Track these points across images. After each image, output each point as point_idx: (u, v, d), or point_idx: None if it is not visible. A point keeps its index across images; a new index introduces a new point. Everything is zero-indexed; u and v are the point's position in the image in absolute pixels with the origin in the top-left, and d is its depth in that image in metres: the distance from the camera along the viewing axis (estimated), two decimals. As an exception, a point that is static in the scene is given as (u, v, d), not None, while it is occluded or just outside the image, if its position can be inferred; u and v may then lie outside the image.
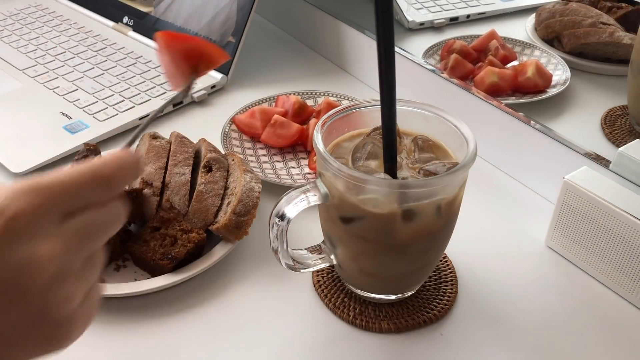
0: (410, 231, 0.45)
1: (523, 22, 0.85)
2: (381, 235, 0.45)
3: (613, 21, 0.77)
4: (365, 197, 0.44)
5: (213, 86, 0.84)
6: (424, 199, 0.44)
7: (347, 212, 0.45)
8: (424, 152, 0.48)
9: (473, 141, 0.46)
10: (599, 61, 0.76)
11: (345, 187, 0.44)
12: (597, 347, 0.50)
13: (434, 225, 0.46)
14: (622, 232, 0.52)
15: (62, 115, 0.76)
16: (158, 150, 0.61)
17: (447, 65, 0.77)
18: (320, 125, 0.47)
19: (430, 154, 0.49)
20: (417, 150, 0.49)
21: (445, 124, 0.48)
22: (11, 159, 0.68)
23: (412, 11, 0.90)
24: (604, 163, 0.58)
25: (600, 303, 0.54)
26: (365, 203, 0.44)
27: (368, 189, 0.43)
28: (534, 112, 0.68)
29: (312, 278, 0.55)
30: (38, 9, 1.03)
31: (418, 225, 0.45)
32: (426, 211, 0.44)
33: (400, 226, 0.44)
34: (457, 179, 0.44)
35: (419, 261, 0.49)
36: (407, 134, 0.50)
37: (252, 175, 0.59)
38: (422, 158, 0.48)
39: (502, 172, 0.70)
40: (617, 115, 0.68)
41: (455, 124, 0.48)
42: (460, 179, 0.45)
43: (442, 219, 0.46)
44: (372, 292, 0.52)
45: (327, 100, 0.76)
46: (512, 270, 0.57)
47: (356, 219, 0.45)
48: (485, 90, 0.72)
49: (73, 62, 0.88)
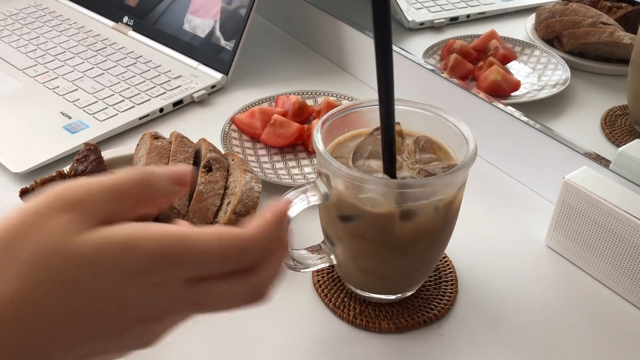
0: (409, 231, 0.45)
1: (523, 22, 0.85)
2: (380, 235, 0.45)
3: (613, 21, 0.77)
4: (364, 196, 0.44)
5: (213, 86, 0.84)
6: (423, 200, 0.44)
7: (346, 211, 0.45)
8: (425, 153, 0.48)
9: (473, 141, 0.46)
10: (599, 61, 0.76)
11: (345, 186, 0.44)
12: (597, 347, 0.50)
13: (433, 225, 0.46)
14: (622, 232, 0.52)
15: (62, 115, 0.77)
16: (160, 151, 0.61)
17: (447, 65, 0.77)
18: (320, 125, 0.47)
19: (431, 154, 0.49)
20: (418, 151, 0.49)
21: (445, 124, 0.48)
22: (11, 159, 0.68)
23: (412, 11, 0.90)
24: (604, 163, 0.58)
25: (600, 303, 0.54)
26: (363, 202, 0.44)
27: (367, 188, 0.43)
28: (534, 112, 0.68)
29: (312, 278, 0.55)
30: (38, 9, 1.03)
31: (417, 225, 0.45)
32: (425, 211, 0.44)
33: (398, 226, 0.44)
34: (456, 180, 0.44)
35: (418, 260, 0.49)
36: (409, 135, 0.51)
37: (252, 175, 0.59)
38: (423, 159, 0.48)
39: (502, 172, 0.70)
40: (617, 115, 0.68)
41: (455, 124, 0.48)
42: (460, 180, 0.45)
43: (442, 219, 0.46)
44: (371, 291, 0.52)
45: (327, 100, 0.76)
46: (512, 270, 0.57)
47: (355, 218, 0.45)
48: (486, 88, 0.72)
49: (73, 62, 0.88)
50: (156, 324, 0.31)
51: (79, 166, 0.62)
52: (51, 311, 0.28)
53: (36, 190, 0.57)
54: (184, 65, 0.88)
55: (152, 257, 0.29)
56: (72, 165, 0.62)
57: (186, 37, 0.90)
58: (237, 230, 0.31)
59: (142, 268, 0.29)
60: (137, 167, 0.28)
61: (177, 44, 0.90)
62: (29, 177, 0.66)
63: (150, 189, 0.32)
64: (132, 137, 0.75)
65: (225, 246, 0.30)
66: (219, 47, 0.86)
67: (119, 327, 0.30)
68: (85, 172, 0.61)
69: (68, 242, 0.28)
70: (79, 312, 0.28)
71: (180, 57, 0.89)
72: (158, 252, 0.29)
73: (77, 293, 0.28)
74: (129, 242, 0.29)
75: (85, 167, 0.62)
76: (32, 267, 0.28)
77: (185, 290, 0.30)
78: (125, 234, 0.29)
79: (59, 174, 0.59)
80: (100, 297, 0.28)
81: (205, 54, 0.87)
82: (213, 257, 0.30)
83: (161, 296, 0.30)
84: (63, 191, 0.29)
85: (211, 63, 0.86)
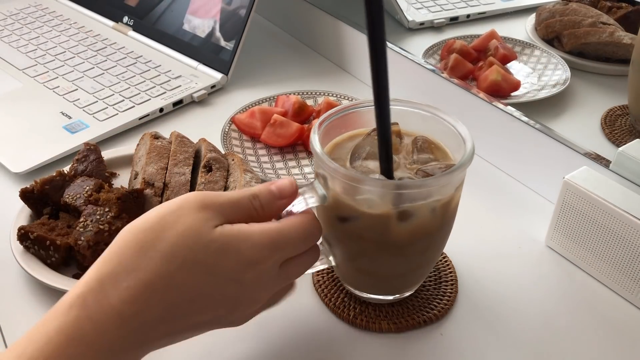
0: (407, 232, 0.45)
1: (523, 22, 0.85)
2: (377, 235, 0.45)
3: (613, 21, 0.77)
4: (361, 197, 0.44)
5: (213, 86, 0.84)
6: (420, 200, 0.44)
7: (344, 212, 0.45)
8: (422, 153, 0.48)
9: (470, 141, 0.46)
10: (599, 61, 0.76)
11: (342, 188, 0.44)
12: (597, 347, 0.50)
13: (431, 226, 0.46)
14: (622, 232, 0.52)
15: (62, 115, 0.77)
16: (160, 151, 0.61)
17: (447, 65, 0.77)
18: (318, 126, 0.47)
19: (429, 154, 0.48)
20: (416, 151, 0.49)
21: (443, 124, 0.48)
22: (11, 159, 0.68)
23: (412, 11, 0.90)
24: (604, 163, 0.58)
25: (600, 303, 0.54)
26: (360, 204, 0.44)
27: (363, 189, 0.43)
28: (534, 112, 0.68)
29: (312, 278, 0.55)
30: (38, 9, 1.03)
31: (414, 225, 0.45)
32: (422, 212, 0.44)
33: (396, 226, 0.44)
34: (453, 180, 0.44)
35: (416, 261, 0.49)
36: (408, 135, 0.50)
37: (252, 175, 0.59)
38: (421, 159, 0.48)
39: (502, 172, 0.70)
40: (617, 115, 0.68)
41: (452, 124, 0.48)
42: (457, 180, 0.45)
43: (439, 220, 0.46)
44: (370, 292, 0.52)
45: (327, 100, 0.76)
46: (512, 270, 0.57)
47: (352, 219, 0.45)
48: (486, 88, 0.72)
49: (73, 62, 0.88)
50: (257, 302, 0.41)
51: (79, 166, 0.62)
52: (189, 284, 0.36)
53: (36, 190, 0.57)
54: (184, 65, 0.88)
55: (262, 247, 0.38)
56: (72, 165, 0.62)
57: (186, 37, 0.90)
58: (305, 217, 0.42)
59: (255, 256, 0.38)
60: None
61: (177, 44, 0.90)
62: (29, 177, 0.66)
63: (260, 204, 0.41)
64: (132, 137, 0.75)
65: (306, 231, 0.42)
66: (218, 47, 0.86)
67: (235, 304, 0.39)
68: (85, 172, 0.61)
69: (202, 232, 0.37)
70: (209, 287, 0.37)
71: (180, 57, 0.89)
72: (266, 242, 0.39)
73: (208, 273, 0.37)
74: (244, 235, 0.38)
75: (85, 167, 0.62)
76: (175, 248, 0.36)
77: (281, 271, 0.41)
78: (242, 228, 0.38)
79: (59, 174, 0.59)
80: (225, 279, 0.37)
81: (205, 54, 0.87)
82: (299, 241, 0.41)
83: (267, 278, 0.40)
84: (196, 195, 0.39)
85: (211, 63, 0.86)
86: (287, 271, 0.41)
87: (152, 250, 0.36)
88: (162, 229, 0.37)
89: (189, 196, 0.38)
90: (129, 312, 0.35)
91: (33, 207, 0.58)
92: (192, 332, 0.39)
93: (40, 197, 0.58)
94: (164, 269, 0.36)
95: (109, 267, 0.36)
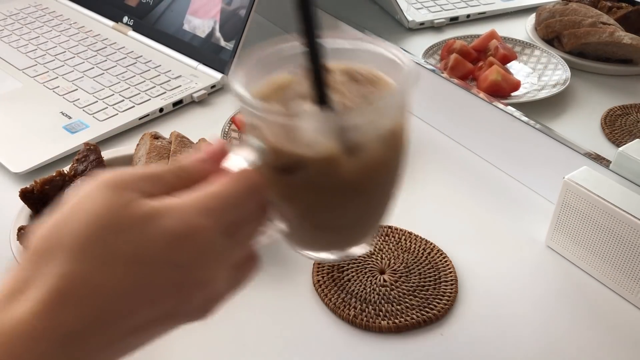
0: (358, 168, 0.39)
1: (523, 22, 0.85)
2: (328, 179, 0.40)
3: (613, 21, 0.77)
4: (302, 138, 0.38)
5: (213, 86, 0.84)
6: (366, 129, 0.39)
7: (286, 161, 0.39)
8: (360, 85, 0.42)
9: (408, 61, 0.40)
10: (599, 61, 0.76)
11: (277, 134, 0.38)
12: (597, 347, 0.50)
13: (384, 158, 0.41)
14: (622, 232, 0.52)
15: (62, 115, 0.77)
16: (160, 151, 0.61)
17: (447, 65, 0.77)
18: (237, 73, 0.40)
19: (370, 87, 0.42)
20: (353, 83, 0.42)
21: (376, 54, 0.43)
22: (11, 159, 0.68)
23: (412, 11, 0.90)
24: (604, 163, 0.58)
25: (600, 303, 0.54)
26: (302, 147, 0.38)
27: (302, 128, 0.38)
28: (534, 112, 0.68)
29: (312, 278, 0.55)
30: (38, 9, 1.03)
31: (366, 160, 0.39)
32: (371, 143, 0.39)
33: (346, 163, 0.39)
34: (397, 100, 0.39)
35: (372, 203, 0.43)
36: (338, 69, 0.43)
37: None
38: (362, 91, 0.42)
39: (502, 172, 0.70)
40: (617, 115, 0.68)
41: (384, 49, 0.42)
42: (400, 100, 0.40)
43: (392, 151, 0.41)
44: (323, 249, 0.45)
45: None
46: (512, 270, 0.57)
47: (297, 167, 0.39)
48: (486, 88, 0.72)
49: (73, 62, 0.88)
50: (210, 285, 0.33)
51: (79, 166, 0.62)
52: (112, 281, 0.30)
53: (36, 190, 0.57)
54: (183, 65, 0.87)
55: (190, 215, 0.31)
56: (72, 165, 0.62)
57: (186, 37, 0.90)
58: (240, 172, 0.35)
59: (184, 228, 0.31)
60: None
61: (177, 44, 0.90)
62: (29, 177, 0.66)
63: (185, 172, 0.34)
64: (132, 137, 0.75)
65: (244, 186, 0.35)
66: (218, 47, 0.86)
67: (180, 291, 0.32)
68: (85, 172, 0.61)
69: (116, 216, 0.30)
70: (138, 279, 0.30)
71: (180, 57, 0.89)
72: (195, 209, 0.32)
73: (133, 262, 0.30)
74: (167, 207, 0.31)
75: (85, 167, 0.62)
76: (85, 241, 0.30)
77: (226, 240, 0.33)
78: (165, 200, 0.32)
79: (59, 174, 0.59)
80: (156, 263, 0.31)
81: (205, 54, 0.87)
82: (238, 199, 0.34)
83: (209, 252, 0.32)
84: (105, 175, 0.32)
85: (211, 63, 0.86)
86: (234, 237, 0.34)
87: (57, 250, 0.30)
88: (65, 223, 0.30)
89: (97, 178, 0.32)
90: (40, 327, 0.29)
91: (33, 207, 0.58)
92: (142, 337, 0.32)
93: (40, 197, 0.58)
94: (76, 269, 0.29)
95: (11, 283, 0.30)
